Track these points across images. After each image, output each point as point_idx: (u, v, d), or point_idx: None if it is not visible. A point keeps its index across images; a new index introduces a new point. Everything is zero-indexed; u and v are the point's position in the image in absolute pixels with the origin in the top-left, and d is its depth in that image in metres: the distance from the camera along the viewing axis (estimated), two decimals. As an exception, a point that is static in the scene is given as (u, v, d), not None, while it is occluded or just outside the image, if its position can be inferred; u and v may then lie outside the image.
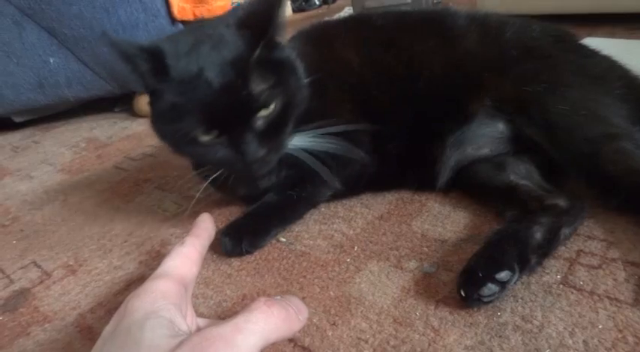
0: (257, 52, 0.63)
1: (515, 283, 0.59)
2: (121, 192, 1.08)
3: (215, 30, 0.67)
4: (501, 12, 1.69)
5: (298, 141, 0.73)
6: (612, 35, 1.46)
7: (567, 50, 0.80)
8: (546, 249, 0.63)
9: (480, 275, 0.57)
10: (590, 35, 1.47)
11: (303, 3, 3.05)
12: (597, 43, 1.36)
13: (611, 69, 0.80)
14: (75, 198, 1.10)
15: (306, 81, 0.73)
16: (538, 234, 0.63)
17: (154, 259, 0.81)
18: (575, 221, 0.67)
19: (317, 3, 3.03)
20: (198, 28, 0.72)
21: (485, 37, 0.79)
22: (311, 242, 0.78)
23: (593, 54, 0.82)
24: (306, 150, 0.73)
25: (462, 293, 0.58)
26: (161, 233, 0.89)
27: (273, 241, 0.80)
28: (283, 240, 0.80)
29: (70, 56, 1.47)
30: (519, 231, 0.64)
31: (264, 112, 0.65)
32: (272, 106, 0.66)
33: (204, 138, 0.66)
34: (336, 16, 2.56)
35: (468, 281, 0.58)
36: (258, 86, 0.63)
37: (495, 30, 0.80)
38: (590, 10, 1.56)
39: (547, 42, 0.79)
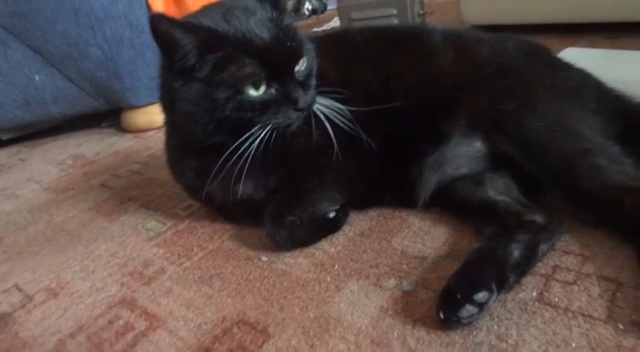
0: (282, 15, 0.72)
1: (493, 302, 0.60)
2: (106, 211, 1.08)
3: (236, 3, 0.73)
4: (485, 23, 1.73)
5: (321, 105, 0.76)
6: (594, 44, 1.47)
7: (541, 65, 0.81)
8: (524, 266, 0.64)
9: (459, 296, 0.58)
10: (572, 45, 1.49)
11: (293, 13, 3.07)
12: (579, 53, 1.39)
13: (585, 82, 0.81)
14: (60, 218, 1.09)
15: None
16: (516, 252, 0.64)
17: (136, 280, 0.81)
18: (552, 237, 0.68)
19: (306, 13, 3.04)
20: (216, 4, 0.77)
21: (460, 55, 0.80)
22: (292, 260, 0.78)
23: (567, 68, 0.83)
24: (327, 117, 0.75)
25: (441, 315, 0.58)
26: (144, 253, 0.89)
27: (255, 260, 0.80)
28: (265, 258, 0.80)
29: (56, 73, 1.47)
30: (497, 250, 0.64)
31: (300, 64, 0.73)
32: (303, 60, 0.73)
33: (255, 93, 0.70)
34: (325, 26, 2.59)
35: (447, 303, 0.59)
36: (293, 40, 0.72)
37: (470, 48, 0.81)
38: (572, 20, 1.59)
39: (521, 58, 0.80)
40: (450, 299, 0.59)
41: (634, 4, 1.42)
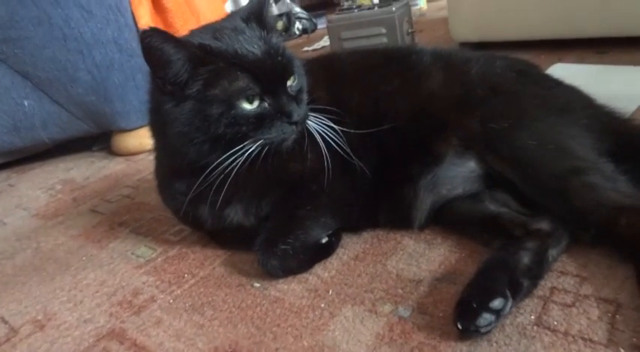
0: (270, 34, 0.73)
1: (511, 309, 0.59)
2: (95, 237, 1.06)
3: (224, 24, 0.75)
4: (474, 40, 1.75)
5: (314, 122, 0.75)
6: (583, 59, 1.49)
7: (531, 83, 0.81)
8: (536, 271, 0.64)
9: (475, 305, 0.58)
10: (560, 60, 1.50)
11: (283, 33, 3.09)
12: (568, 68, 1.40)
13: (576, 99, 0.81)
14: (48, 246, 1.07)
15: None
16: (525, 259, 0.64)
17: (125, 310, 0.79)
18: (560, 242, 0.68)
19: (297, 33, 3.06)
20: (205, 26, 0.78)
21: (450, 76, 0.80)
22: (285, 286, 0.76)
23: (557, 85, 0.83)
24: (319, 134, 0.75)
25: (459, 325, 0.57)
26: (133, 281, 0.86)
27: (248, 286, 0.78)
28: (257, 285, 0.78)
29: (45, 98, 1.46)
30: (507, 258, 0.64)
31: (292, 80, 0.74)
32: (294, 77, 0.74)
33: (249, 107, 0.70)
34: (316, 45, 2.60)
35: (464, 314, 0.58)
36: (283, 56, 0.72)
37: (460, 68, 0.81)
38: (560, 36, 1.60)
39: (511, 77, 0.80)
40: (466, 309, 0.58)
41: (620, 20, 1.44)
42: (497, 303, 0.57)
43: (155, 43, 0.66)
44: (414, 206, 0.78)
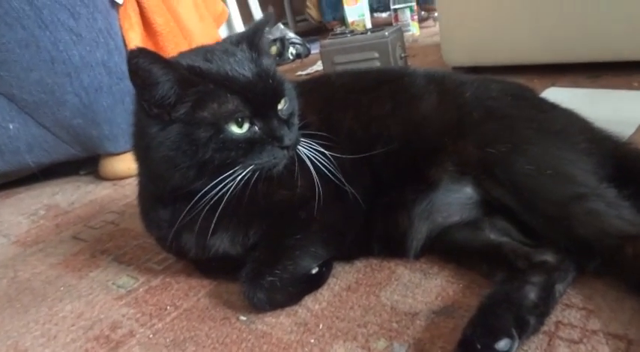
0: (260, 56, 0.71)
1: (517, 350, 0.55)
2: (76, 266, 1.01)
3: (215, 46, 0.73)
4: (467, 65, 1.74)
5: (305, 147, 0.73)
6: (575, 84, 1.48)
7: (527, 107, 0.78)
8: (543, 308, 0.60)
9: (479, 347, 0.54)
10: (553, 84, 1.50)
11: (277, 57, 3.10)
12: (561, 92, 1.39)
13: (572, 123, 0.79)
14: (25, 275, 1.02)
15: None
16: (532, 294, 0.60)
17: (102, 346, 0.73)
18: (567, 275, 0.64)
19: (290, 57, 3.07)
20: (196, 48, 0.76)
21: (444, 99, 0.77)
22: (273, 320, 0.71)
23: (553, 108, 0.81)
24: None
25: None
26: (112, 314, 0.81)
27: (233, 320, 0.73)
28: (243, 318, 0.73)
29: (31, 121, 1.42)
30: (511, 293, 0.60)
31: (282, 103, 0.71)
32: (285, 100, 0.72)
33: (239, 131, 0.67)
34: (309, 70, 2.61)
35: None
36: (274, 79, 0.70)
37: (454, 91, 0.79)
38: (553, 61, 1.60)
39: (506, 100, 0.78)
40: (469, 350, 0.54)
41: (612, 45, 1.44)
42: (503, 344, 0.53)
43: (143, 64, 0.63)
44: (409, 235, 0.74)
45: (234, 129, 0.67)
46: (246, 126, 0.67)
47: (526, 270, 0.63)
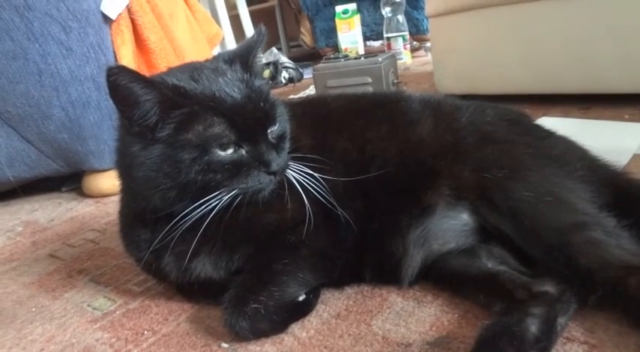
0: (253, 77, 0.69)
1: None
2: (50, 285, 0.96)
3: (205, 64, 0.71)
4: (459, 92, 1.75)
5: (295, 171, 0.70)
6: (567, 114, 1.49)
7: (523, 133, 0.77)
8: (546, 341, 0.57)
9: None
10: (545, 114, 1.50)
11: (270, 81, 3.11)
12: (553, 122, 1.39)
13: (570, 150, 0.78)
14: (-5, 294, 0.96)
15: None
16: (533, 327, 0.57)
17: (72, 373, 0.68)
18: (569, 308, 0.61)
19: (283, 81, 3.08)
20: (183, 65, 0.73)
21: (439, 123, 0.76)
22: (257, 348, 0.67)
23: (549, 135, 0.80)
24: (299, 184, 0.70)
25: None
26: (86, 338, 0.76)
27: (214, 347, 0.69)
28: (225, 345, 0.69)
29: (13, 134, 1.38)
30: (512, 326, 0.57)
31: (273, 127, 0.69)
32: (277, 124, 0.69)
33: (224, 154, 0.64)
34: (302, 94, 2.61)
35: None
36: (266, 102, 0.68)
37: (450, 115, 0.77)
38: (545, 91, 1.61)
39: (503, 126, 0.77)
40: None
41: (603, 77, 1.45)
42: None
43: (122, 82, 0.61)
44: (403, 262, 0.71)
45: (220, 151, 0.64)
46: (230, 150, 0.65)
47: (526, 301, 0.60)
